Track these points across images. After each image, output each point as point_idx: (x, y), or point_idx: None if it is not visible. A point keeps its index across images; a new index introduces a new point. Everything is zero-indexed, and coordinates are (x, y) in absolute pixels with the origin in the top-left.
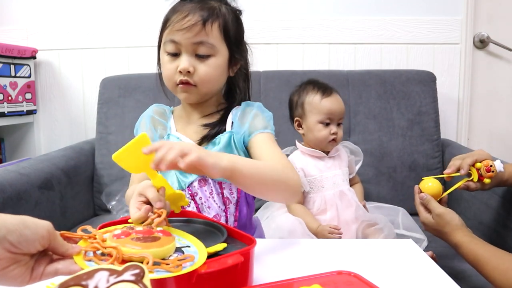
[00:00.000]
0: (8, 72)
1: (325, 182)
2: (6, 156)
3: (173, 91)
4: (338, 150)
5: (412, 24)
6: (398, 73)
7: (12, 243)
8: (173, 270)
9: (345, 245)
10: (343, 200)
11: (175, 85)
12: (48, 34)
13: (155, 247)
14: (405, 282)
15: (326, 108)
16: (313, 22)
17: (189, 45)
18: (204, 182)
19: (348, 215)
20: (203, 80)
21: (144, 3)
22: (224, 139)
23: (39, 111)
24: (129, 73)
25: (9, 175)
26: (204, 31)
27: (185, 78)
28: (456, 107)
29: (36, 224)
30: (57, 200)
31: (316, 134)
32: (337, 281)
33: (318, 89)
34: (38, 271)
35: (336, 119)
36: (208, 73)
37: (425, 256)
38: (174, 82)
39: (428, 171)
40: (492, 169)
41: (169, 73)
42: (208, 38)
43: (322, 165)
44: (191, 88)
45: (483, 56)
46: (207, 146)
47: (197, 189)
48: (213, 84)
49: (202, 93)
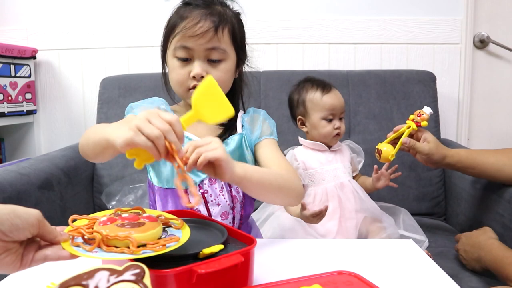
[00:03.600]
0: (8, 72)
1: (326, 175)
2: (6, 156)
3: (184, 95)
4: (340, 145)
5: (412, 24)
6: (398, 73)
7: (4, 232)
8: (158, 249)
9: (345, 245)
10: (344, 191)
11: (187, 90)
12: (48, 34)
13: (140, 232)
14: (406, 283)
15: (328, 104)
16: (313, 22)
17: (202, 51)
18: (214, 180)
19: (351, 205)
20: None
21: (144, 3)
22: (236, 140)
23: (39, 111)
24: (129, 73)
25: (9, 175)
26: (216, 37)
27: (199, 83)
28: (456, 107)
29: (26, 213)
30: (57, 200)
31: (320, 130)
32: (337, 281)
33: (317, 86)
34: (28, 257)
35: (338, 113)
36: (220, 77)
37: (426, 257)
38: (186, 87)
39: (428, 171)
40: (422, 113)
41: (181, 78)
42: (220, 43)
43: (323, 158)
44: None
45: (483, 56)
46: None
47: (207, 186)
48: (224, 88)
49: None
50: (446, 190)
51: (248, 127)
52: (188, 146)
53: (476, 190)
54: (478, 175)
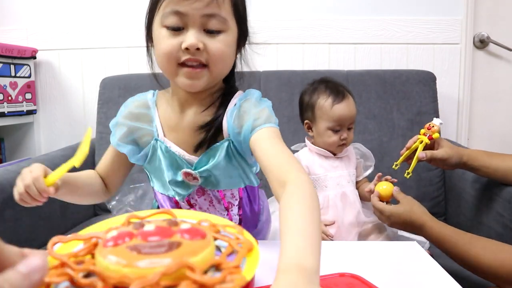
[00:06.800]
0: (8, 72)
1: (329, 182)
2: (6, 156)
3: (171, 73)
4: (347, 151)
5: (412, 24)
6: (398, 73)
7: None
8: None
9: (347, 247)
10: (344, 202)
11: (176, 66)
12: (48, 34)
13: (180, 266)
14: (409, 285)
15: (337, 115)
16: (313, 22)
17: (197, 18)
18: (203, 192)
19: (350, 217)
20: (217, 58)
21: (144, 3)
22: (222, 151)
23: (39, 111)
24: (129, 73)
25: (9, 175)
26: (216, 2)
27: (194, 57)
28: (456, 107)
29: None
30: (57, 200)
31: (325, 139)
32: (340, 283)
33: (330, 92)
34: None
35: (346, 124)
36: (221, 50)
37: (430, 259)
38: (175, 61)
39: (428, 171)
40: (432, 125)
41: (170, 50)
42: (220, 10)
43: (328, 164)
44: (201, 72)
45: (483, 56)
46: (202, 158)
47: (195, 200)
48: (226, 65)
49: (213, 76)
50: (446, 190)
51: (234, 128)
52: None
53: (476, 190)
54: (494, 174)
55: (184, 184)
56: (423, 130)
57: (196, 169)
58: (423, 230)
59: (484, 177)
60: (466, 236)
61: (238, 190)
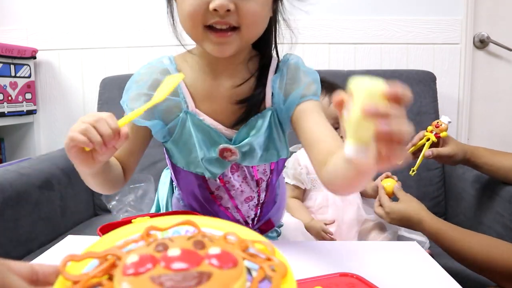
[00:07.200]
0: (8, 72)
1: None
2: (6, 156)
3: (197, 38)
4: None
5: (412, 24)
6: (398, 73)
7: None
8: None
9: (348, 246)
10: (344, 201)
11: (202, 30)
12: (48, 34)
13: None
14: (409, 285)
15: (335, 113)
16: (313, 22)
17: None
18: (237, 168)
19: (350, 216)
20: (250, 21)
21: (144, 3)
22: (265, 122)
23: (39, 111)
24: (129, 73)
25: (9, 175)
26: None
27: (223, 20)
28: (456, 107)
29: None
30: (57, 200)
31: None
32: (340, 283)
33: (326, 91)
34: None
35: None
36: (255, 11)
37: (430, 259)
38: (201, 24)
39: (428, 171)
40: (440, 123)
41: (196, 10)
42: None
43: None
44: (231, 35)
45: (483, 56)
46: (241, 131)
47: (229, 178)
48: (259, 27)
49: (244, 40)
50: (446, 190)
51: (280, 95)
52: None
53: (476, 190)
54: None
55: (219, 161)
56: (430, 127)
57: (235, 143)
58: (420, 225)
59: (486, 174)
60: (463, 232)
61: (269, 165)
